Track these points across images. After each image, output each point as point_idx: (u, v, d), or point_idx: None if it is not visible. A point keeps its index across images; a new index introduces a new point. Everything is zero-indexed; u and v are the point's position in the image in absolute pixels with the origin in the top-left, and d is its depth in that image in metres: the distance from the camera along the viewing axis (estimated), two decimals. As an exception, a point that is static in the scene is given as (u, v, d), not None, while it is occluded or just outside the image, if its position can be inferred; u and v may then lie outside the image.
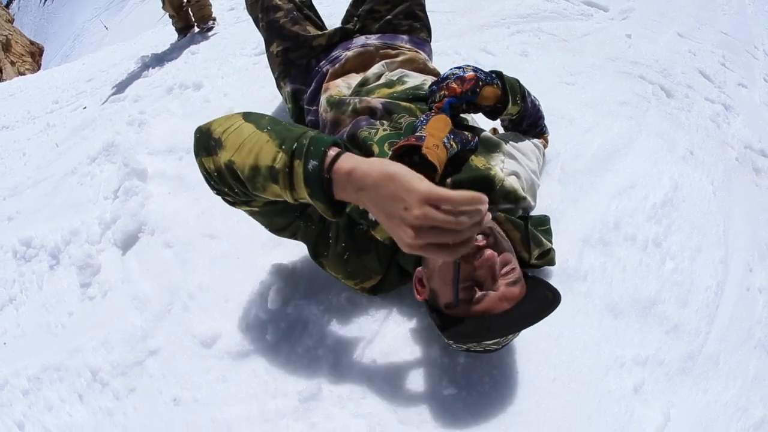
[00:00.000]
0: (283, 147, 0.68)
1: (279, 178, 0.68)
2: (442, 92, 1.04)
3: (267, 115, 0.78)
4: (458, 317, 0.81)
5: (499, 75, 1.11)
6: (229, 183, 0.75)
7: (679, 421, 1.00)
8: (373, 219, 0.92)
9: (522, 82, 1.17)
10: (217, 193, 0.83)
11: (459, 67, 1.07)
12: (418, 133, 0.92)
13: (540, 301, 0.79)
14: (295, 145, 0.67)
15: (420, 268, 0.91)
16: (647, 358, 1.07)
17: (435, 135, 0.90)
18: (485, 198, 0.58)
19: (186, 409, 0.97)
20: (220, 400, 0.95)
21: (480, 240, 0.82)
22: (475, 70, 1.06)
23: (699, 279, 1.29)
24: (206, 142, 0.77)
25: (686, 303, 1.23)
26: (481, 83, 1.04)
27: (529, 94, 1.19)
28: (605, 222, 1.29)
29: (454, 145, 0.94)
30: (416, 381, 0.93)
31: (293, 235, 0.96)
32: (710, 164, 1.76)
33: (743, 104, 2.42)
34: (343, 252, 0.93)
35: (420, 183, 0.58)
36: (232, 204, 0.85)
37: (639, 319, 1.14)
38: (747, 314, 1.30)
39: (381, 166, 0.61)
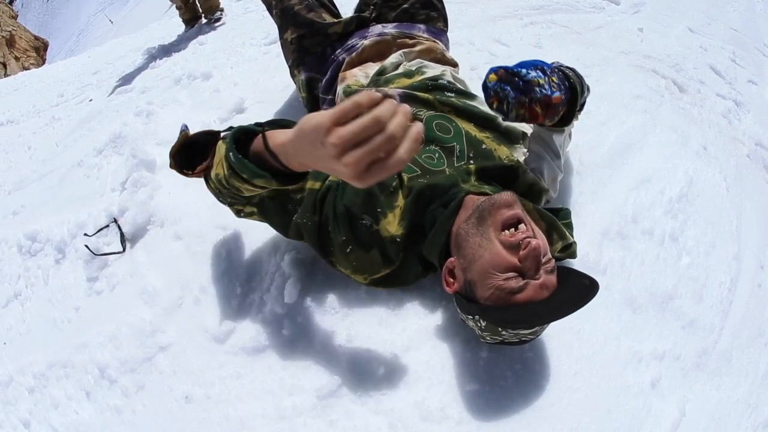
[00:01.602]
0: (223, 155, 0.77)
1: (234, 180, 0.76)
2: (522, 111, 0.82)
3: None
4: (499, 306, 0.80)
5: (572, 88, 0.89)
6: (224, 191, 0.86)
7: (693, 416, 1.00)
8: (377, 216, 0.94)
9: None
10: (229, 205, 0.97)
11: (543, 69, 0.83)
12: None
13: (578, 287, 0.79)
14: (223, 152, 0.77)
15: (452, 259, 0.88)
16: (664, 353, 1.07)
17: None
18: (376, 94, 0.56)
19: (198, 406, 0.95)
20: (234, 397, 0.94)
21: (523, 230, 0.81)
22: (560, 87, 0.84)
23: (713, 275, 1.29)
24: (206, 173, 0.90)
25: (701, 298, 1.23)
26: (561, 108, 0.87)
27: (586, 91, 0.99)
28: (623, 215, 1.28)
29: None
30: (438, 376, 0.91)
31: (301, 236, 0.98)
32: (723, 160, 1.75)
33: (753, 101, 2.42)
34: (345, 245, 0.93)
35: (316, 117, 0.57)
36: (240, 212, 0.98)
37: (656, 314, 1.14)
38: (758, 311, 1.31)
39: (294, 128, 0.62)
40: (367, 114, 0.53)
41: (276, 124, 0.79)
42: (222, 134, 0.85)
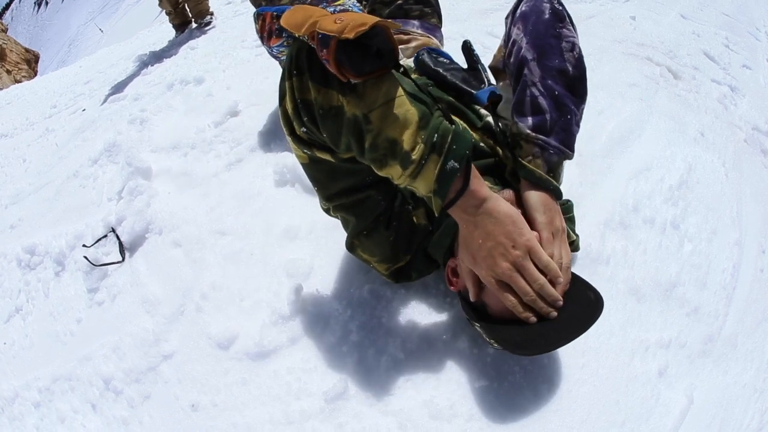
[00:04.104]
0: (422, 134, 0.61)
1: (408, 166, 0.62)
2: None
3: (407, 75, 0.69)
4: (506, 319, 0.77)
5: None
6: (339, 131, 0.62)
7: (701, 403, 0.99)
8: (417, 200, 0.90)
9: None
10: (297, 122, 0.66)
11: None
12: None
13: (584, 304, 0.76)
14: (436, 137, 0.61)
15: (453, 258, 0.88)
16: (670, 341, 1.06)
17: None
18: (565, 280, 0.71)
19: (205, 414, 0.94)
20: (241, 404, 0.93)
21: None
22: None
23: (716, 261, 1.29)
24: (326, 71, 0.59)
25: (705, 285, 1.22)
26: None
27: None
28: (624, 204, 1.28)
29: None
30: (446, 374, 0.90)
31: (349, 208, 0.84)
32: (720, 146, 1.75)
33: (748, 86, 2.42)
34: (390, 233, 0.88)
35: (530, 231, 0.70)
36: (301, 142, 0.69)
37: (661, 302, 1.14)
38: (761, 296, 1.30)
39: (507, 204, 0.70)
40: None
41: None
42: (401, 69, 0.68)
